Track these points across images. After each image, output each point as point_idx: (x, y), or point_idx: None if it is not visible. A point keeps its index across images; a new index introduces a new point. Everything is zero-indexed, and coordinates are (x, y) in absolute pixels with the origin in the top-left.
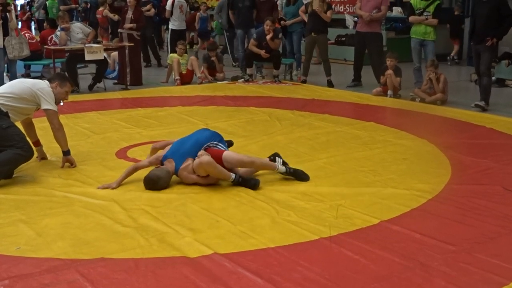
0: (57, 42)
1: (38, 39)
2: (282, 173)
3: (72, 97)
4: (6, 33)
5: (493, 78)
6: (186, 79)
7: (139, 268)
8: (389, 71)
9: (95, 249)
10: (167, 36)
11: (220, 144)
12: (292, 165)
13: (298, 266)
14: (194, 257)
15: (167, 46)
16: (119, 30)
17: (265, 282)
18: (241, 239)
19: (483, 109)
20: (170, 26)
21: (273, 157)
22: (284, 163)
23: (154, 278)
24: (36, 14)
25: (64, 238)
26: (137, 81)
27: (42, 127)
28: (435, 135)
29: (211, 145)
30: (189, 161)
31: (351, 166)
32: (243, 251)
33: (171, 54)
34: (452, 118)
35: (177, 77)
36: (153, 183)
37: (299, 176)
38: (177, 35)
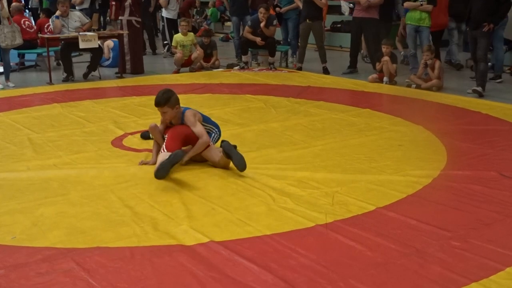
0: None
1: (35, 28)
2: None
3: (66, 86)
4: None
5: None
6: (187, 63)
7: (135, 257)
8: (385, 58)
9: (91, 238)
10: (161, 24)
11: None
12: (288, 152)
13: (294, 253)
14: (190, 245)
15: (164, 34)
16: (119, 17)
17: (261, 269)
18: (237, 227)
19: (480, 95)
20: (166, 15)
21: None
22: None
23: (151, 266)
24: (30, 3)
25: (60, 227)
26: (138, 70)
27: (37, 116)
28: (431, 122)
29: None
30: None
31: (347, 153)
32: (239, 239)
33: (176, 36)
34: (448, 104)
35: (178, 68)
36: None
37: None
38: (173, 24)
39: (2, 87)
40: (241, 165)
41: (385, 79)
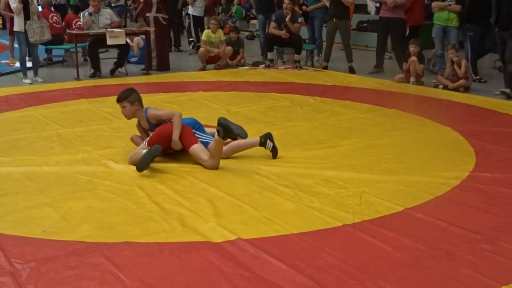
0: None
1: (63, 23)
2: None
3: (93, 82)
4: (27, 17)
5: None
6: (214, 59)
7: (164, 252)
8: (413, 58)
9: (119, 233)
10: (187, 21)
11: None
12: (314, 151)
13: (321, 252)
14: (218, 242)
15: (189, 32)
16: (146, 14)
17: (288, 267)
18: (264, 225)
19: (509, 96)
20: (192, 12)
21: (264, 139)
22: (273, 148)
23: (179, 262)
24: None
25: (89, 221)
26: (164, 67)
27: (65, 111)
28: (458, 123)
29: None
30: None
31: (374, 153)
32: (266, 237)
33: (205, 31)
34: (475, 105)
35: (204, 65)
36: None
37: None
38: (199, 22)
39: (30, 82)
40: (243, 133)
41: (411, 79)
